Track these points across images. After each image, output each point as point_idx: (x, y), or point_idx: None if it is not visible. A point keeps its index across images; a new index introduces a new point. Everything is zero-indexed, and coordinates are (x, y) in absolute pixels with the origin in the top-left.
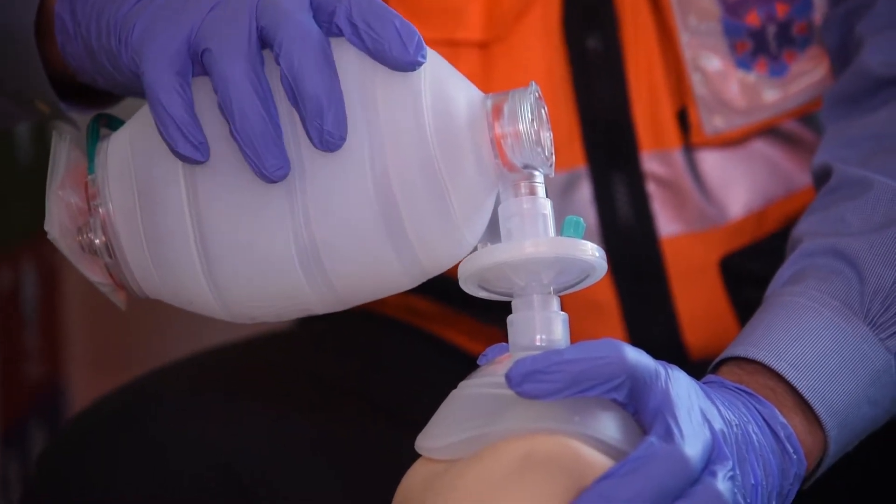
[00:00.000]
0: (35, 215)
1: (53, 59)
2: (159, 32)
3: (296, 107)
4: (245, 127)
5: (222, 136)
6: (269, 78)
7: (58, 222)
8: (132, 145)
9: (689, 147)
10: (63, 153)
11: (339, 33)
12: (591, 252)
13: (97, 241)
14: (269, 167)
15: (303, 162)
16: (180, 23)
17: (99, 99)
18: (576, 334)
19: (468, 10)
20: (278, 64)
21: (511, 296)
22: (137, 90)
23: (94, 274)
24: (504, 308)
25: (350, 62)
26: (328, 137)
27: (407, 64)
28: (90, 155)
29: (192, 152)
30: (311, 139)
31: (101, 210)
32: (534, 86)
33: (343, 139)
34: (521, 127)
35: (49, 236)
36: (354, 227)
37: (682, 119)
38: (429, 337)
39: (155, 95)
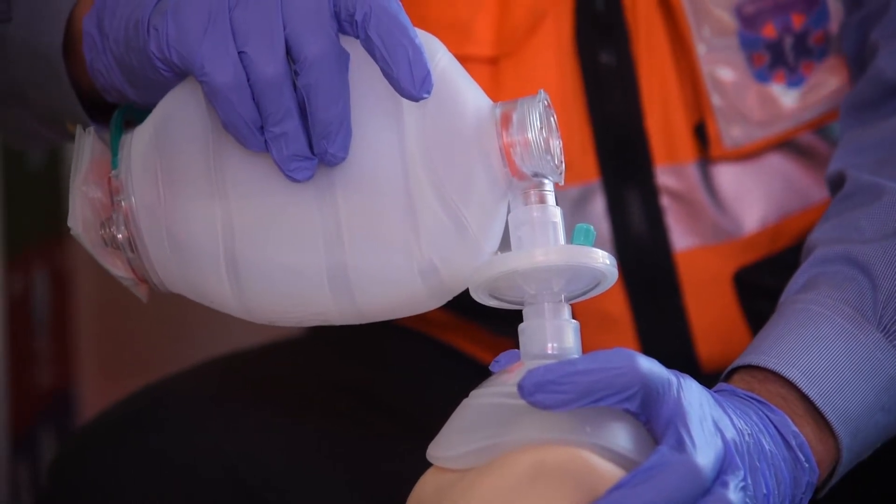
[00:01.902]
0: (46, 221)
1: (81, 79)
2: (197, 26)
3: (304, 118)
4: (276, 129)
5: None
6: None
7: (81, 217)
8: (157, 139)
9: (705, 161)
10: (87, 147)
11: (355, 34)
12: (602, 259)
13: (119, 236)
14: (294, 168)
15: (333, 178)
16: (220, 27)
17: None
18: (589, 346)
19: (477, 25)
20: (296, 73)
21: (522, 304)
22: (164, 86)
23: (117, 268)
24: (515, 319)
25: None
26: (331, 159)
27: (410, 97)
28: (114, 149)
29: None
30: (313, 153)
31: (123, 204)
32: (542, 94)
33: (343, 159)
34: (529, 135)
35: (72, 232)
36: (380, 238)
37: (701, 133)
38: (440, 345)
39: (226, 98)
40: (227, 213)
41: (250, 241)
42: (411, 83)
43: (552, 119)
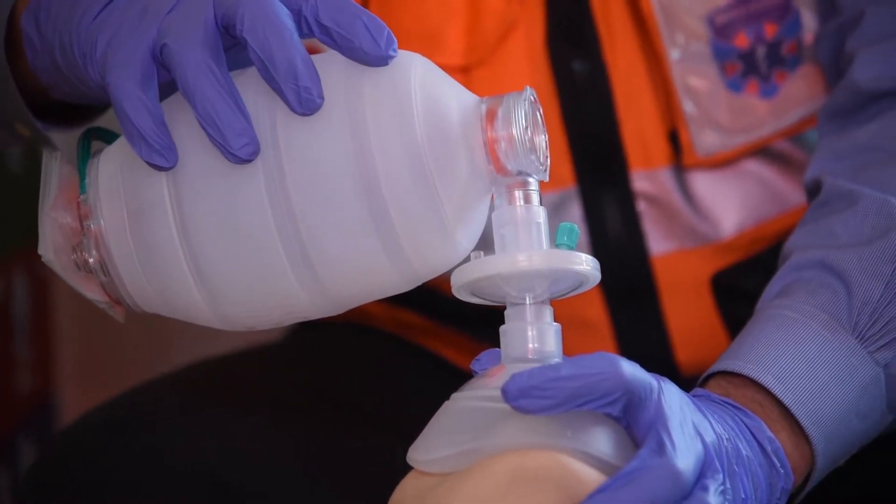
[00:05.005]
0: (26, 227)
1: (28, 77)
2: (121, 44)
3: (268, 78)
4: (206, 108)
5: (202, 145)
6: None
7: (52, 243)
8: (121, 163)
9: (680, 167)
10: (54, 173)
11: (310, 33)
12: (585, 263)
13: (91, 260)
14: (236, 145)
15: (283, 166)
16: (140, 30)
17: (79, 116)
18: (567, 350)
19: (448, 34)
20: (244, 40)
21: (504, 302)
22: (108, 102)
23: (91, 292)
24: (495, 323)
25: (335, 63)
26: (305, 94)
27: (379, 59)
28: (81, 173)
29: (157, 159)
30: (289, 104)
31: (93, 228)
32: (529, 90)
33: (321, 97)
34: (514, 131)
35: (43, 259)
36: (340, 226)
37: (675, 139)
38: (418, 349)
39: (120, 107)
40: (183, 222)
41: (209, 244)
42: (375, 45)
43: (538, 114)
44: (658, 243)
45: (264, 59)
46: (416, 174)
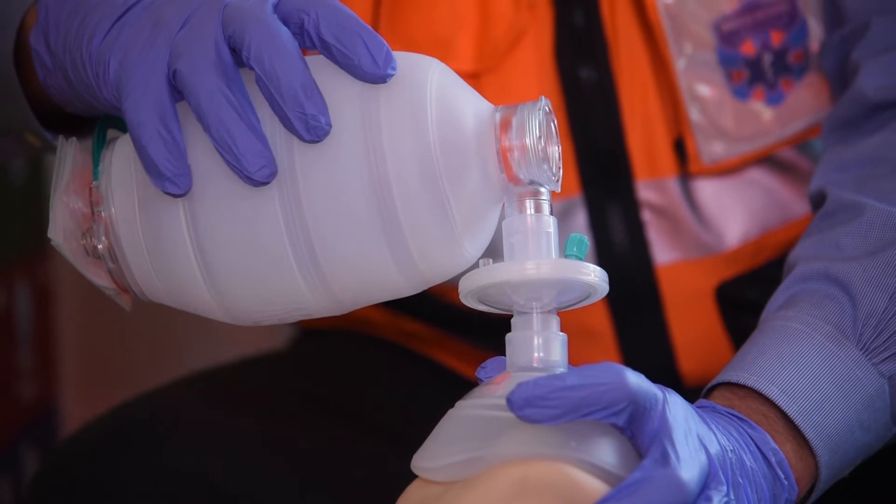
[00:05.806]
0: (29, 235)
1: (38, 92)
2: (135, 66)
3: (274, 106)
4: (221, 133)
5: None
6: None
7: (62, 227)
8: (135, 152)
9: (686, 176)
10: (68, 158)
11: (311, 46)
12: (593, 274)
13: (100, 246)
14: (252, 168)
15: (294, 166)
16: (153, 53)
17: (89, 127)
18: (571, 360)
19: (458, 41)
20: (251, 67)
21: (511, 310)
22: (120, 116)
23: (99, 278)
24: (499, 333)
25: None
26: (313, 122)
27: (378, 77)
28: (95, 159)
29: (169, 187)
30: (297, 133)
31: (104, 215)
32: (543, 100)
33: (329, 125)
34: (528, 141)
35: (53, 242)
36: (348, 228)
37: (680, 148)
38: (421, 358)
39: (136, 134)
40: (194, 215)
41: (218, 240)
42: (374, 65)
43: (552, 125)
44: (663, 253)
45: (271, 88)
46: (427, 179)
